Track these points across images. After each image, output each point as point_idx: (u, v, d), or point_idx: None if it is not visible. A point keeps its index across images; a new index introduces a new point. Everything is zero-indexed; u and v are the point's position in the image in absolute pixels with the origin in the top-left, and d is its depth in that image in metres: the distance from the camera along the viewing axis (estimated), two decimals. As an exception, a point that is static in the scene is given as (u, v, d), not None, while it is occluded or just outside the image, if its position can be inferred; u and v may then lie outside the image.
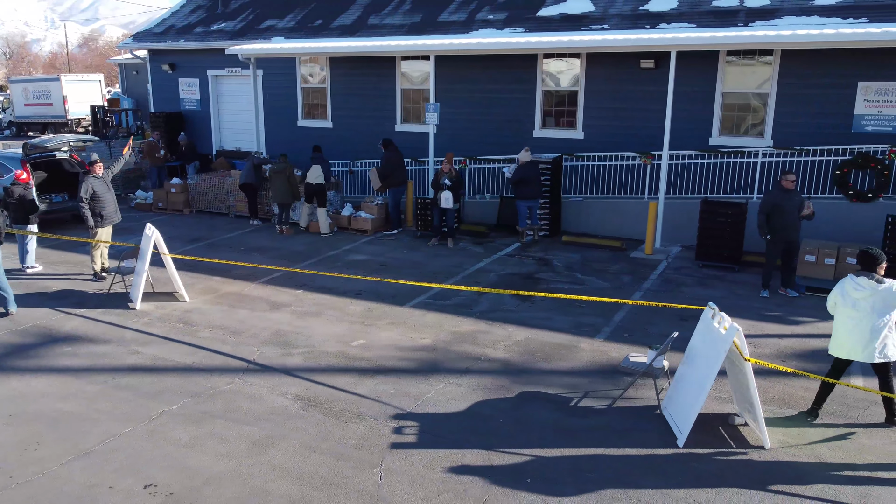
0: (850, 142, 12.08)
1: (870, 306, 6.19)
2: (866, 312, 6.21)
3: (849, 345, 6.37)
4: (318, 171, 13.84)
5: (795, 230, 9.89)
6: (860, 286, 6.24)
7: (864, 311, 6.22)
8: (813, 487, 5.58)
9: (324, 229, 14.04)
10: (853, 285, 6.28)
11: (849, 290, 6.32)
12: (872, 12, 11.71)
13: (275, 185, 13.93)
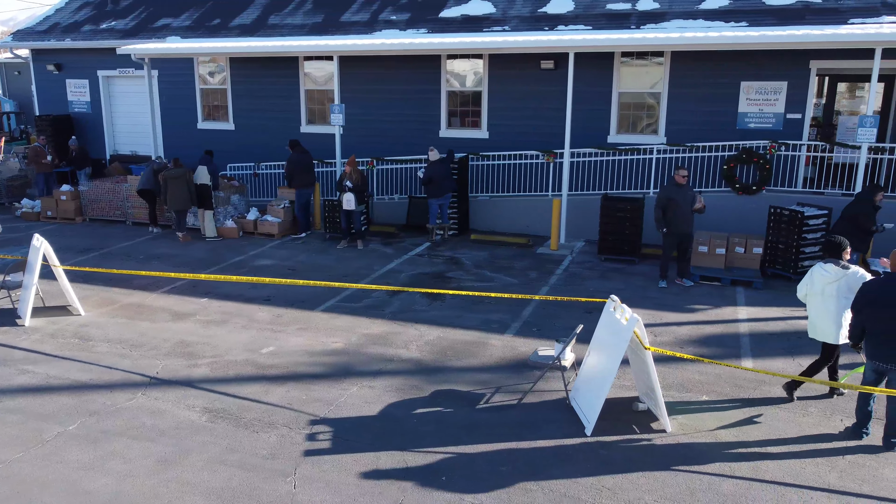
0: (736, 138, 12.86)
1: (836, 291, 6.55)
2: (833, 297, 6.57)
3: (822, 328, 6.74)
4: (204, 171, 13.45)
5: (689, 223, 10.43)
6: (827, 272, 6.59)
7: (831, 296, 6.59)
8: (711, 466, 5.91)
9: (209, 233, 13.65)
10: (821, 272, 6.64)
11: (817, 278, 6.67)
12: (751, 16, 12.50)
13: (171, 191, 13.40)
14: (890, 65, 12.03)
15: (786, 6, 12.50)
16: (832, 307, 6.63)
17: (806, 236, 10.73)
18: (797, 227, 10.68)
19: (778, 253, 11.03)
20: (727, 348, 8.39)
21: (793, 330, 8.97)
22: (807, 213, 10.73)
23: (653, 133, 13.60)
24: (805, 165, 12.83)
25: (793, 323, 9.21)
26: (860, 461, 6.00)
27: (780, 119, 12.74)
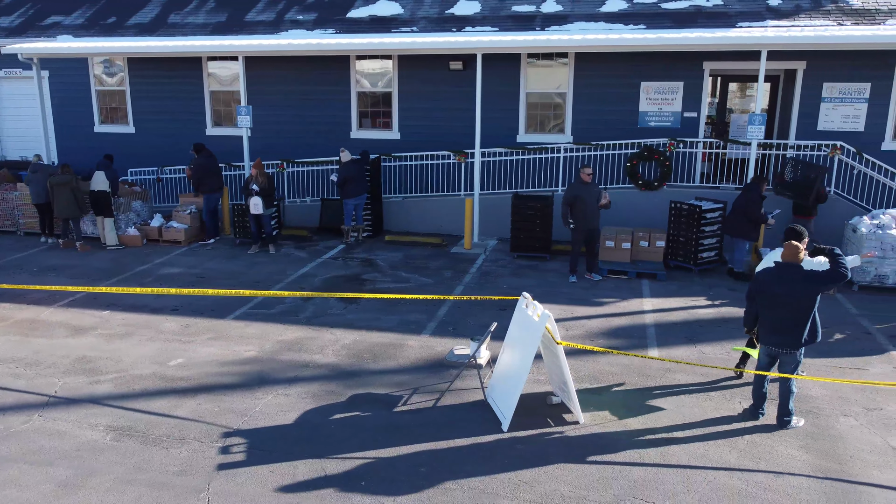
0: (638, 136, 13.39)
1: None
2: None
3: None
4: (102, 176, 12.83)
5: (595, 219, 10.78)
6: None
7: None
8: (622, 454, 6.13)
9: (110, 242, 13.04)
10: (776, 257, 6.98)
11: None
12: (649, 20, 13.04)
13: (56, 199, 12.68)
14: (775, 66, 12.84)
15: (680, 10, 13.11)
16: None
17: (704, 229, 11.29)
18: (696, 221, 11.23)
19: (679, 246, 11.56)
20: (635, 339, 8.73)
21: (694, 319, 9.43)
22: (704, 206, 11.29)
23: (560, 132, 13.97)
24: (702, 161, 13.51)
25: (693, 312, 9.68)
26: (757, 440, 6.38)
27: (678, 118, 13.36)
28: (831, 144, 12.42)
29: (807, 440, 6.38)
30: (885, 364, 8.02)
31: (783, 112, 13.65)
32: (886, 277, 10.46)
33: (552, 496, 5.51)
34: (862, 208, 12.20)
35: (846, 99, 12.65)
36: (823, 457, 6.10)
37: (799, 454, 6.14)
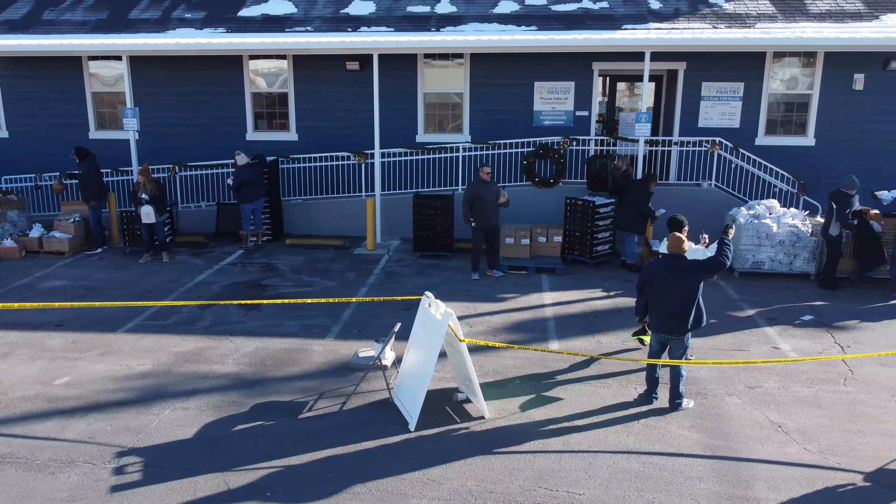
0: (533, 135, 13.75)
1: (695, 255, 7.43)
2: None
3: None
4: None
5: (495, 217, 10.99)
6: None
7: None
8: (526, 444, 6.29)
9: None
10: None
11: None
12: (540, 21, 13.39)
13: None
14: (659, 66, 13.52)
15: (569, 12, 13.55)
16: None
17: (598, 224, 11.75)
18: (590, 216, 11.66)
19: (575, 240, 11.97)
20: (536, 332, 8.97)
21: (591, 310, 9.79)
22: (597, 202, 11.74)
23: (458, 132, 14.15)
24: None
25: (590, 304, 10.05)
26: (652, 423, 6.71)
27: (571, 116, 13.82)
28: (711, 140, 13.20)
29: (696, 420, 6.76)
30: (763, 344, 8.62)
31: (667, 110, 14.39)
32: (763, 264, 11.24)
33: (460, 492, 5.58)
34: (740, 200, 13.05)
35: (723, 97, 13.49)
36: (712, 435, 6.49)
37: (690, 434, 6.50)
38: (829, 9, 13.01)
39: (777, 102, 13.58)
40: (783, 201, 13.20)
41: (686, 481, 5.76)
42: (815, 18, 12.78)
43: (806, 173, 13.18)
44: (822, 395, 7.30)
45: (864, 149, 13.37)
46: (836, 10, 12.95)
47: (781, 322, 9.36)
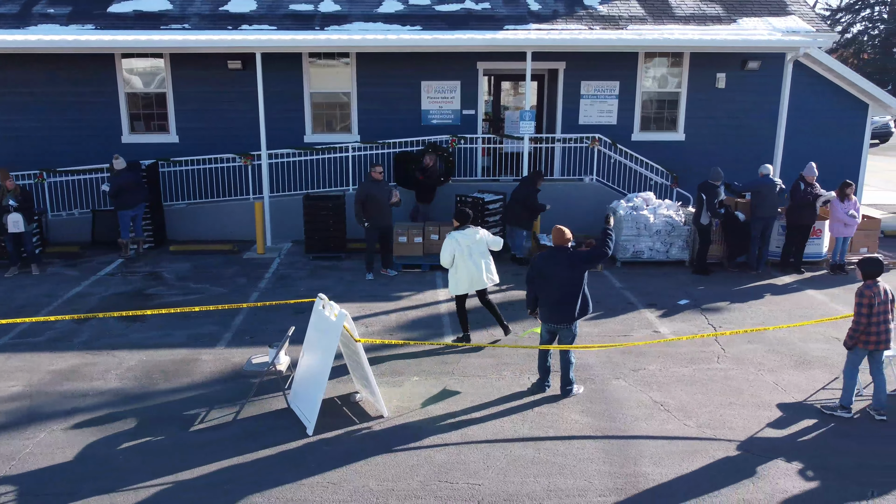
0: (422, 134, 13.87)
1: (477, 248, 8.13)
2: (476, 253, 8.14)
3: (471, 280, 8.17)
4: None
5: (388, 216, 11.01)
6: (467, 236, 8.12)
7: (475, 252, 8.14)
8: (426, 440, 6.37)
9: None
10: (462, 237, 8.09)
11: (461, 242, 8.08)
12: (425, 21, 13.53)
13: None
14: (540, 66, 13.99)
15: (453, 13, 13.77)
16: (478, 260, 8.13)
17: (488, 219, 12.02)
18: (480, 212, 11.90)
19: (467, 236, 12.18)
20: (432, 329, 9.08)
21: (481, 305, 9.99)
22: (486, 198, 12.01)
23: (347, 132, 14.05)
24: (482, 156, 14.34)
25: (484, 298, 10.27)
26: (545, 410, 6.96)
27: (458, 115, 14.05)
28: (591, 137, 13.80)
29: (586, 404, 7.08)
30: (645, 329, 9.12)
31: (550, 108, 14.92)
32: (642, 253, 11.89)
33: (361, 492, 5.58)
34: (619, 193, 13.73)
35: (601, 96, 14.14)
36: (601, 417, 6.82)
37: (581, 418, 6.80)
38: (693, 12, 13.92)
39: (650, 100, 14.38)
40: (658, 193, 14.01)
41: (579, 463, 6.02)
42: (681, 21, 13.64)
43: (678, 166, 14.05)
44: (699, 373, 7.83)
45: (728, 142, 14.41)
46: (699, 14, 13.87)
47: (661, 307, 9.94)
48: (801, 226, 11.45)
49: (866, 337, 6.63)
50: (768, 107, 14.03)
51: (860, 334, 6.63)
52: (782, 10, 14.10)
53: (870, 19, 52.33)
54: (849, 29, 52.50)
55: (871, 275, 6.66)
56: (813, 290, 10.79)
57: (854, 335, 6.64)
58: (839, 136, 14.69)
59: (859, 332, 6.61)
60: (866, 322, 6.57)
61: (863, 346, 6.66)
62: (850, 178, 14.16)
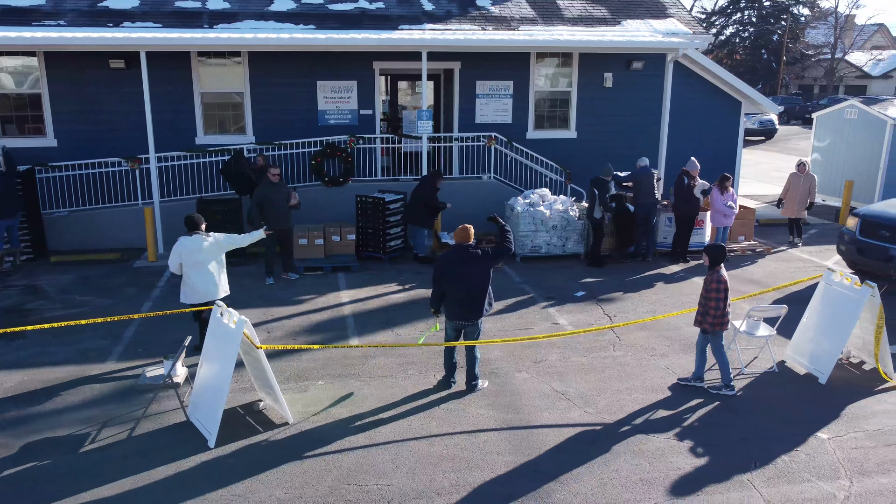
0: (320, 134, 13.68)
1: (205, 256, 7.68)
2: (209, 259, 7.71)
3: (205, 289, 7.75)
4: None
5: (286, 219, 10.79)
6: (197, 241, 7.66)
7: (204, 260, 7.69)
8: (333, 444, 6.30)
9: None
10: (191, 243, 7.64)
11: (192, 248, 7.63)
12: (318, 20, 13.33)
13: None
14: (436, 66, 14.10)
15: (346, 12, 13.65)
16: (213, 267, 7.82)
17: (389, 219, 12.01)
18: (381, 213, 11.88)
19: (369, 237, 12.14)
20: (336, 331, 8.98)
21: (388, 304, 10.01)
22: (387, 198, 12.00)
23: (241, 133, 13.65)
24: (381, 156, 14.31)
25: (387, 298, 10.27)
26: (452, 406, 7.04)
27: (355, 115, 13.96)
28: (488, 135, 14.06)
29: (491, 398, 7.22)
30: (545, 321, 9.40)
31: (447, 108, 15.07)
32: (540, 248, 12.23)
33: (268, 502, 5.45)
34: (517, 190, 14.06)
35: (495, 95, 14.43)
36: (506, 410, 6.97)
37: (486, 412, 6.93)
38: (581, 14, 14.44)
39: (543, 99, 14.81)
40: (554, 189, 14.45)
41: (486, 456, 6.13)
42: (569, 22, 14.12)
43: (571, 163, 14.55)
44: (596, 361, 8.15)
45: (617, 139, 15.05)
46: (587, 16, 14.41)
47: (559, 300, 10.27)
48: (686, 217, 12.13)
49: (723, 319, 7.14)
50: (653, 105, 14.76)
51: (721, 317, 7.12)
52: (662, 13, 14.87)
53: (740, 22, 56.13)
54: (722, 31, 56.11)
55: (719, 261, 7.16)
56: (698, 277, 11.46)
57: (716, 320, 7.11)
58: (717, 132, 15.66)
59: (719, 316, 7.10)
60: (724, 307, 7.08)
61: (721, 328, 7.18)
62: (728, 170, 15.11)
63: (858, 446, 6.34)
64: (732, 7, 55.84)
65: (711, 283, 7.10)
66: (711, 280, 7.11)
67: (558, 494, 5.60)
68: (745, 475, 5.87)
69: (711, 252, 7.20)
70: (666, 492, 5.65)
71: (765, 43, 54.26)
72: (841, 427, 6.68)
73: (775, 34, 53.66)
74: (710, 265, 7.20)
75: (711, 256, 7.19)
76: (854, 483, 5.78)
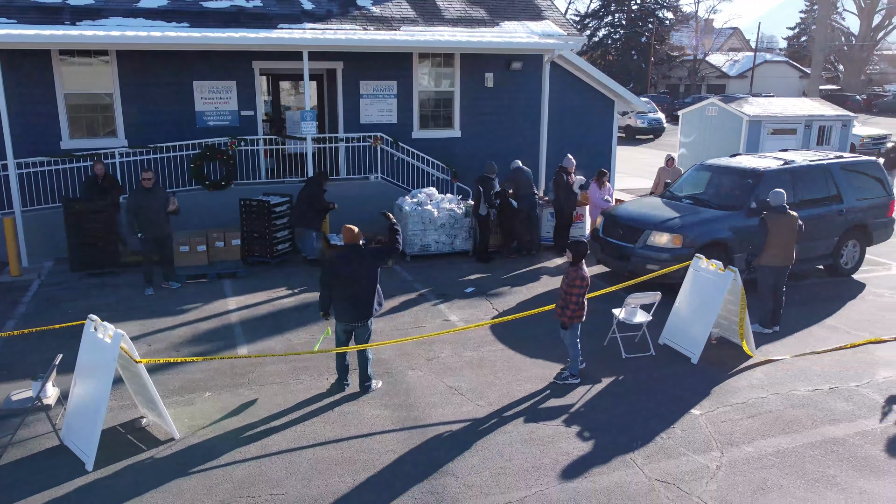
0: (199, 136, 13.15)
1: None
2: None
3: None
4: None
5: (164, 225, 10.30)
6: None
7: None
8: (223, 457, 6.10)
9: None
10: None
11: None
12: (192, 18, 12.80)
13: None
14: (318, 66, 13.90)
15: (223, 10, 13.18)
16: None
17: (275, 223, 11.75)
18: (267, 216, 11.60)
19: (255, 241, 11.81)
20: (223, 341, 8.69)
21: (278, 310, 9.79)
22: (273, 201, 11.73)
23: (112, 136, 12.90)
24: (265, 158, 13.95)
25: (277, 303, 10.05)
26: (346, 409, 6.99)
27: (236, 116, 13.53)
28: (373, 136, 14.03)
29: (385, 398, 7.23)
30: (437, 318, 9.51)
31: (331, 108, 14.90)
32: (429, 246, 12.36)
33: (155, 523, 5.21)
34: (404, 189, 14.13)
35: (380, 95, 14.42)
36: (400, 409, 7.00)
37: (381, 412, 6.93)
38: (460, 15, 14.69)
39: (427, 99, 14.95)
40: (440, 188, 14.63)
41: (382, 456, 6.14)
42: (450, 23, 14.33)
43: (456, 162, 14.78)
44: (487, 355, 8.34)
45: (500, 137, 15.44)
46: (466, 17, 14.67)
47: (449, 296, 10.42)
48: (565, 212, 12.63)
49: (581, 312, 7.40)
50: (533, 104, 15.24)
51: (578, 311, 7.35)
52: (538, 15, 15.38)
53: (612, 25, 59.01)
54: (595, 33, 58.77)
55: (582, 257, 7.36)
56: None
57: (573, 314, 7.33)
58: (594, 129, 16.40)
59: (576, 310, 7.32)
60: (582, 302, 7.32)
61: (578, 321, 7.42)
62: (604, 166, 15.85)
63: (727, 419, 6.85)
64: (604, 10, 58.61)
65: (575, 280, 7.23)
66: (575, 276, 7.24)
67: (453, 488, 5.70)
68: (628, 455, 6.21)
69: (574, 248, 7.35)
70: (557, 477, 5.87)
71: (634, 45, 57.32)
72: (712, 403, 7.19)
73: (643, 36, 56.81)
74: (573, 261, 7.36)
75: (574, 253, 7.35)
76: (724, 454, 6.25)
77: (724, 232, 10.16)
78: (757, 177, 10.62)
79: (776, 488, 5.74)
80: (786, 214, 8.72)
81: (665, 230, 10.18)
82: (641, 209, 11.01)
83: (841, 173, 11.21)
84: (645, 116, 32.42)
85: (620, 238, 10.69)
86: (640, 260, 10.22)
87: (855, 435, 6.57)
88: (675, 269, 8.97)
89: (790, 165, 10.88)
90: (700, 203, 10.91)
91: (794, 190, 10.59)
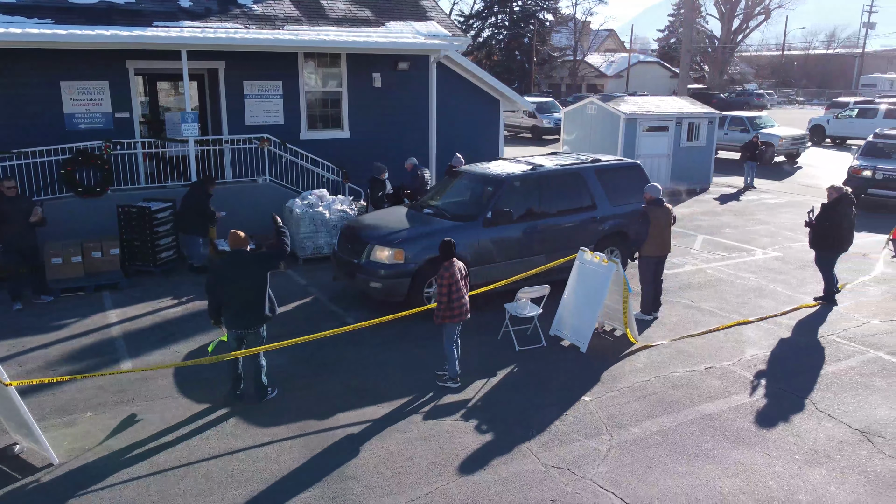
0: (69, 140, 12.30)
1: None
2: None
3: None
4: None
5: (30, 237, 9.58)
6: None
7: None
8: (109, 479, 5.78)
9: None
10: None
11: None
12: (57, 14, 12.00)
13: None
14: (199, 65, 13.37)
15: (91, 6, 12.44)
16: None
17: (158, 230, 11.22)
18: (148, 223, 11.06)
19: (136, 250, 11.23)
20: (105, 356, 8.22)
21: (164, 320, 9.37)
22: (154, 207, 11.19)
23: (-32, 141, 11.86)
24: (144, 162, 13.26)
25: (162, 314, 9.61)
26: (241, 419, 6.80)
27: (110, 118, 12.80)
28: (260, 137, 13.66)
29: (282, 405, 7.08)
30: (333, 321, 9.40)
31: (214, 109, 14.38)
32: (322, 248, 12.19)
33: (34, 555, 4.88)
34: (294, 191, 13.85)
35: (265, 96, 14.07)
36: (297, 415, 6.88)
37: (278, 419, 6.79)
38: (345, 15, 14.58)
39: (315, 99, 14.73)
40: (331, 189, 14.45)
41: (280, 465, 6.02)
42: (334, 23, 14.20)
43: (347, 162, 14.65)
44: (388, 354, 8.34)
45: (389, 137, 15.44)
46: (351, 17, 14.58)
47: (345, 298, 10.33)
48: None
49: (450, 312, 7.27)
50: (422, 104, 15.34)
51: (445, 311, 7.24)
52: (423, 16, 15.52)
53: (495, 26, 60.35)
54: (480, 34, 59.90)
55: (448, 255, 7.26)
56: (473, 266, 12.17)
57: (441, 313, 7.24)
58: (482, 128, 16.72)
59: (443, 310, 7.23)
60: (447, 301, 7.19)
61: (450, 321, 7.31)
62: (493, 165, 16.20)
63: (615, 403, 7.21)
64: (487, 11, 59.85)
65: (441, 279, 7.16)
66: (440, 275, 7.19)
67: (355, 491, 5.68)
68: (525, 444, 6.41)
69: (441, 247, 7.27)
70: (457, 471, 5.98)
71: (517, 45, 58.93)
72: (600, 388, 7.55)
73: (526, 37, 58.51)
74: (441, 259, 7.28)
75: (441, 251, 7.27)
76: (613, 436, 6.57)
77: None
78: (497, 184, 9.82)
79: (661, 465, 6.11)
80: (663, 207, 9.27)
81: (387, 244, 9.22)
82: (376, 221, 10.10)
83: (595, 178, 10.54)
84: (551, 117, 33.38)
85: (349, 253, 9.72)
86: (365, 277, 9.29)
87: (728, 410, 7.09)
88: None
89: (536, 171, 10.15)
90: (438, 213, 10.01)
91: (539, 198, 10.00)
